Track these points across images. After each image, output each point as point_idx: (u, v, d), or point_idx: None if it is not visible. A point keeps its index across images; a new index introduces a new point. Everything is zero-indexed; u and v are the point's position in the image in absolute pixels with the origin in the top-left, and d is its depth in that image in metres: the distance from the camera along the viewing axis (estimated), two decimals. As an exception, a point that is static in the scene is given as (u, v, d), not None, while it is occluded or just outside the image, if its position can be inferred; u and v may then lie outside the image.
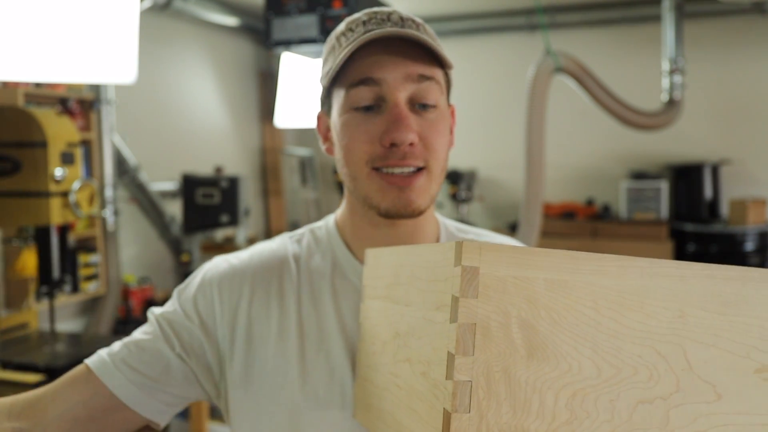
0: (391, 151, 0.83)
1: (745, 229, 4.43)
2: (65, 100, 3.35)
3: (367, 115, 0.85)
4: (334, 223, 0.97)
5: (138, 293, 3.82)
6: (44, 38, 2.37)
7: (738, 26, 4.79)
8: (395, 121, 0.82)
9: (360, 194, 0.88)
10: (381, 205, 0.86)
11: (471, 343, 0.54)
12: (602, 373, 0.56)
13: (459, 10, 5.15)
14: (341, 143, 0.88)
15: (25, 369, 2.43)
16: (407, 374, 0.67)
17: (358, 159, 0.85)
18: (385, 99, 0.84)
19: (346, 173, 0.88)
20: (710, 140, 4.91)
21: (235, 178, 3.79)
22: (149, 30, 3.70)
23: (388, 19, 0.86)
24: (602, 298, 0.57)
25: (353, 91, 0.84)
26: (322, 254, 0.95)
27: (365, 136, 0.84)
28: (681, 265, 0.59)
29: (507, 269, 0.55)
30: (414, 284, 0.68)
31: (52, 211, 2.55)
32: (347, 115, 0.86)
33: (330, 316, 0.90)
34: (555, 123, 4.14)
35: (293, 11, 3.44)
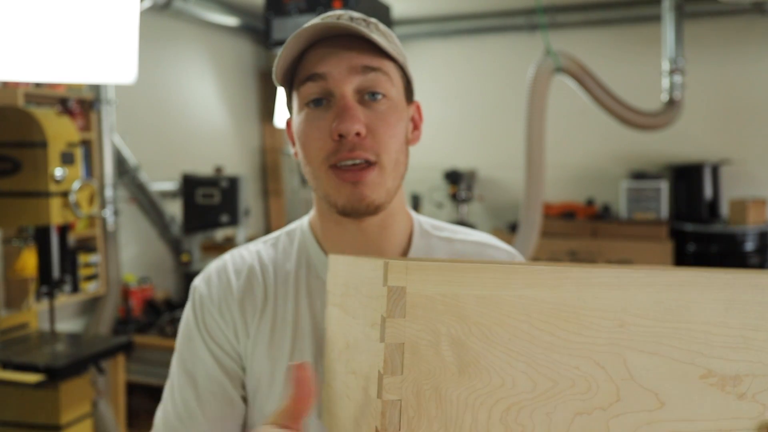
0: (341, 144, 0.84)
1: (745, 229, 4.43)
2: (65, 100, 3.35)
3: (318, 111, 0.86)
4: (308, 224, 1.00)
5: (138, 293, 3.82)
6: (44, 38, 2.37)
7: (738, 26, 4.79)
8: (341, 113, 0.83)
9: (321, 192, 0.89)
10: (338, 202, 0.86)
11: (399, 362, 0.54)
12: (538, 386, 0.56)
13: (459, 10, 5.15)
14: (300, 141, 0.89)
15: (25, 369, 2.43)
16: (354, 387, 0.67)
17: (314, 156, 0.86)
18: (333, 93, 0.85)
19: (308, 172, 0.90)
20: (710, 140, 4.91)
21: (235, 178, 3.79)
22: (149, 30, 3.70)
23: (337, 19, 0.87)
24: (536, 312, 0.56)
25: (303, 88, 0.86)
26: (297, 255, 0.97)
27: (317, 132, 0.85)
28: (620, 273, 0.59)
29: (435, 287, 0.55)
30: (358, 297, 0.68)
31: (52, 211, 2.55)
32: (301, 113, 0.88)
33: (305, 317, 0.93)
34: (555, 123, 4.14)
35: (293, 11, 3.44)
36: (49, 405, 2.50)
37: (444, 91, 5.44)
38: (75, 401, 2.57)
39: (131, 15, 2.68)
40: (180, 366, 0.96)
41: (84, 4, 2.48)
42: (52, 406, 2.50)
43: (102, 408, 3.17)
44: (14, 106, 2.77)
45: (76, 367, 2.53)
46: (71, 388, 2.54)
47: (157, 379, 3.64)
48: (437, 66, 5.48)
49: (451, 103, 5.40)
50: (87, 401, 2.65)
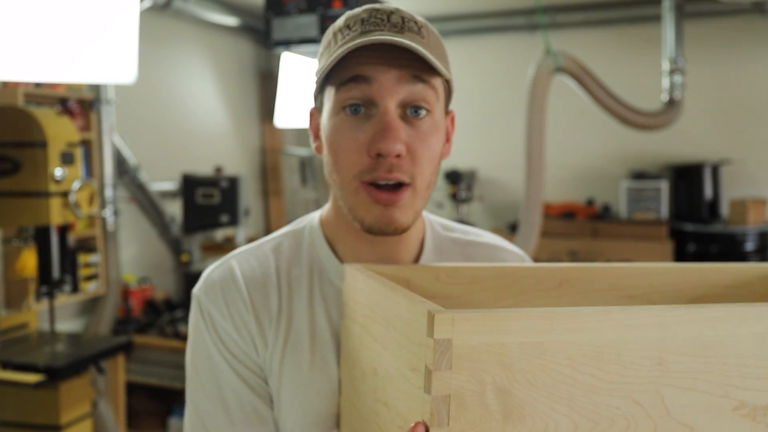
0: (378, 162, 0.79)
1: (746, 229, 4.43)
2: (65, 100, 3.35)
3: (356, 120, 0.81)
4: (318, 225, 0.95)
5: (138, 293, 3.82)
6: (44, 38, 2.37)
7: (738, 26, 4.78)
8: (383, 131, 0.78)
9: (346, 204, 0.84)
10: (365, 221, 0.82)
11: (445, 414, 0.54)
12: (579, 428, 0.57)
13: (459, 10, 5.15)
14: (330, 148, 0.84)
15: (24, 369, 2.43)
16: (385, 418, 0.66)
17: (346, 170, 0.82)
18: (375, 103, 0.80)
19: (335, 180, 0.85)
20: (710, 140, 4.91)
21: (235, 178, 3.79)
22: (149, 30, 3.70)
23: (387, 20, 0.82)
24: (579, 355, 0.57)
25: (343, 89, 0.80)
26: (308, 259, 0.93)
27: (354, 144, 0.80)
28: (660, 312, 0.59)
29: (480, 337, 0.54)
30: (389, 330, 0.66)
31: (52, 211, 2.55)
32: (337, 117, 0.82)
33: (321, 325, 0.89)
34: (555, 123, 4.14)
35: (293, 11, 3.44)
36: (48, 405, 2.50)
37: (444, 91, 5.42)
38: (75, 401, 2.56)
39: (131, 15, 2.68)
40: (203, 389, 0.89)
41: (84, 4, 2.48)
42: (51, 406, 2.49)
43: (102, 408, 3.17)
44: (14, 106, 2.77)
45: (76, 367, 2.52)
46: (71, 388, 2.54)
47: (157, 379, 3.64)
48: (437, 66, 5.47)
49: (452, 104, 5.38)
50: (87, 401, 2.65)
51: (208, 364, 0.89)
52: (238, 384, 0.88)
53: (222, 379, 0.88)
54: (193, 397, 0.90)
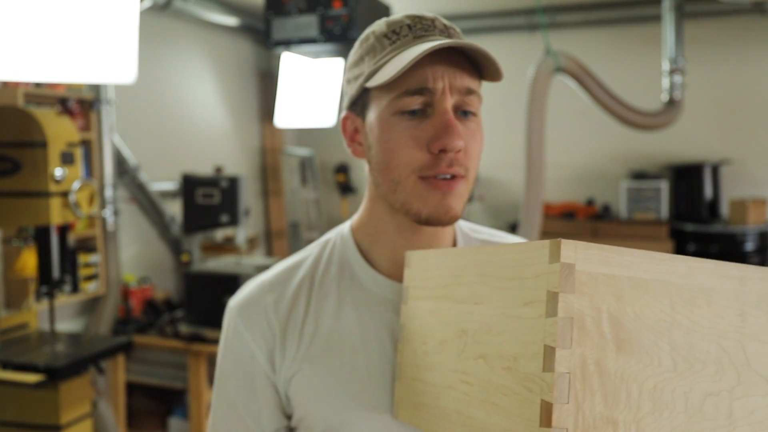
0: (439, 158, 0.84)
1: (746, 229, 4.43)
2: (65, 100, 3.35)
3: (414, 121, 0.84)
4: (349, 233, 0.97)
5: (138, 293, 3.82)
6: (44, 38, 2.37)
7: (738, 26, 4.78)
8: (446, 128, 0.83)
9: (399, 200, 0.87)
10: (422, 212, 0.86)
11: (569, 336, 0.57)
12: (677, 366, 0.61)
13: (459, 10, 5.15)
14: (383, 147, 0.86)
15: (24, 369, 2.43)
16: (482, 371, 0.69)
17: (404, 165, 0.85)
18: (433, 105, 0.84)
19: (387, 178, 0.87)
20: (710, 140, 4.90)
21: (234, 178, 3.78)
22: (149, 30, 3.70)
23: (433, 26, 0.87)
24: (677, 296, 0.61)
25: (407, 98, 0.84)
26: (337, 267, 0.95)
27: (413, 141, 0.84)
28: (740, 267, 0.64)
29: (598, 267, 0.59)
30: (488, 283, 0.70)
31: (52, 211, 2.55)
32: (392, 118, 0.85)
33: (352, 329, 0.91)
34: (555, 123, 4.14)
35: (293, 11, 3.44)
36: (48, 405, 2.50)
37: (444, 91, 5.42)
38: (75, 401, 2.56)
39: (131, 15, 2.68)
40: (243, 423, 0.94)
41: (84, 4, 2.48)
42: (51, 406, 2.49)
43: (102, 408, 3.17)
44: (14, 106, 2.77)
45: (76, 367, 2.52)
46: (71, 388, 2.54)
47: (157, 379, 3.64)
48: (437, 66, 5.47)
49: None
50: (87, 401, 2.65)
51: (251, 394, 0.94)
52: (279, 417, 0.94)
53: (265, 409, 0.93)
54: (230, 425, 0.95)
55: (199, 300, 3.58)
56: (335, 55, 3.87)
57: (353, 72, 0.91)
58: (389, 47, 0.86)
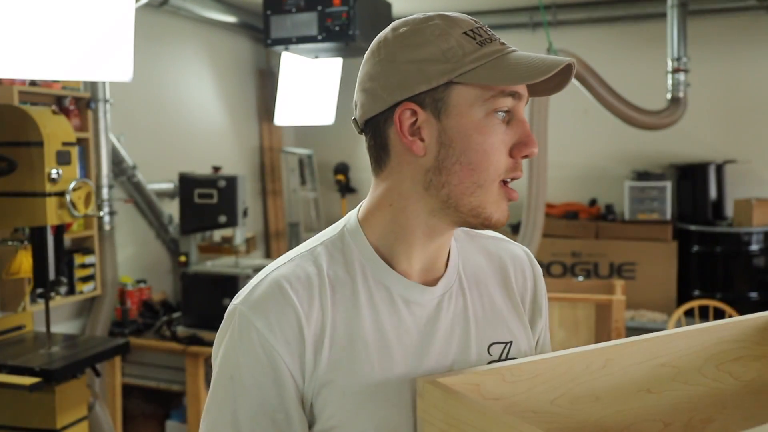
0: (518, 164, 0.88)
1: (750, 230, 4.40)
2: (61, 99, 3.31)
3: (503, 125, 0.87)
4: (363, 235, 0.93)
5: (135, 294, 3.79)
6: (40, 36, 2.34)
7: (743, 24, 4.75)
8: (529, 136, 0.88)
9: (472, 202, 0.87)
10: (494, 216, 0.88)
11: None
12: None
13: (460, 7, 5.11)
14: (476, 148, 0.86)
15: (20, 372, 2.42)
16: None
17: (492, 168, 0.86)
18: (513, 111, 0.88)
19: (469, 180, 0.87)
20: (715, 140, 4.87)
21: (233, 178, 3.75)
22: (145, 27, 3.66)
23: (488, 29, 0.91)
24: None
25: (502, 98, 0.86)
26: (350, 265, 0.92)
27: (502, 146, 0.87)
28: None
29: None
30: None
31: (48, 211, 2.53)
32: (486, 119, 0.86)
33: (368, 328, 0.89)
34: (557, 122, 4.11)
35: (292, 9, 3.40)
36: (44, 408, 2.48)
37: (445, 90, 5.40)
38: (71, 404, 2.54)
39: (127, 12, 2.65)
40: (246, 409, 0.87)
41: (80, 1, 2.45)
42: (47, 409, 2.48)
43: (98, 411, 3.14)
44: (9, 105, 2.74)
45: (72, 370, 2.51)
46: (67, 390, 2.52)
47: (154, 381, 3.61)
48: (438, 65, 5.44)
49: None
50: (83, 404, 2.63)
51: (280, 400, 0.87)
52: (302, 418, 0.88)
53: (293, 417, 0.87)
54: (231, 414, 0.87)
55: (196, 301, 3.56)
56: (334, 52, 3.84)
57: (428, 63, 0.85)
58: (478, 46, 0.86)
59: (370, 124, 0.91)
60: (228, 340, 0.88)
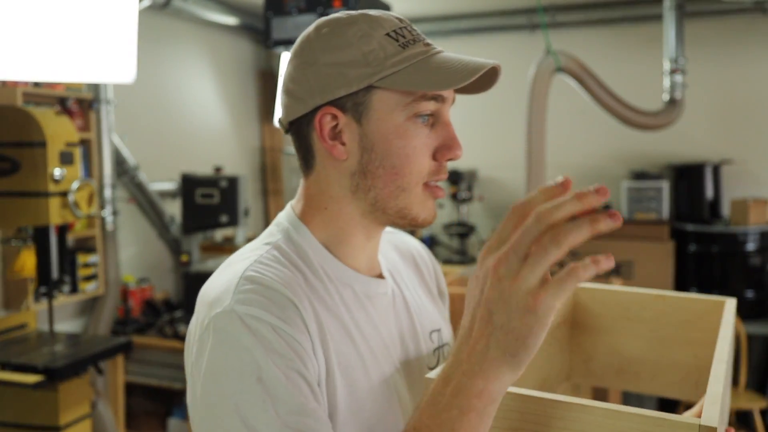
0: (443, 166, 0.88)
1: (747, 230, 4.42)
2: (64, 100, 3.34)
3: (425, 128, 0.86)
4: (311, 235, 0.90)
5: (137, 293, 3.81)
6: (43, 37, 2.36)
7: (739, 25, 4.77)
8: (453, 139, 0.88)
9: (398, 205, 0.87)
10: (420, 216, 0.88)
11: None
12: None
13: (459, 9, 5.14)
14: (398, 152, 0.84)
15: (24, 370, 2.43)
16: None
17: (416, 173, 0.86)
18: (437, 114, 0.87)
19: (392, 183, 0.85)
20: (711, 140, 4.89)
21: (234, 178, 3.78)
22: (148, 29, 3.69)
23: (412, 28, 0.89)
24: None
25: (424, 102, 0.85)
26: (307, 267, 0.88)
27: (424, 149, 0.86)
28: None
29: None
30: None
31: (51, 211, 2.54)
32: (407, 123, 0.85)
33: (362, 331, 0.88)
34: (555, 123, 4.13)
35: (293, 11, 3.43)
36: (48, 406, 2.49)
37: (444, 90, 5.41)
38: (74, 402, 2.56)
39: (130, 14, 2.67)
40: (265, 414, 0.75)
41: (83, 3, 2.47)
42: (51, 407, 2.49)
43: (101, 409, 3.16)
44: (13, 106, 2.76)
45: (75, 368, 2.52)
46: (70, 388, 2.53)
47: (157, 380, 3.63)
48: (437, 66, 5.46)
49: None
50: (86, 402, 2.65)
51: (294, 389, 0.77)
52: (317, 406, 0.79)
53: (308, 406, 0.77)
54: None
55: (198, 300, 3.56)
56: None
57: (349, 66, 0.83)
58: (400, 49, 0.84)
59: (293, 127, 0.89)
60: (230, 345, 0.77)
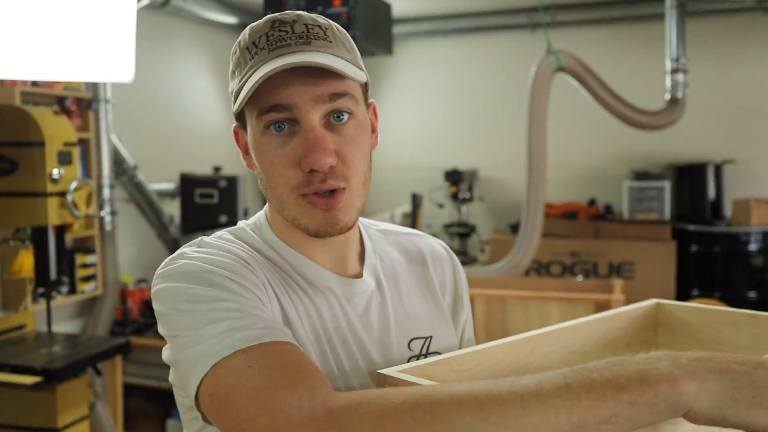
0: (312, 176, 0.82)
1: (749, 230, 4.41)
2: (62, 99, 3.33)
3: (282, 138, 0.83)
4: (269, 227, 0.93)
5: (136, 294, 3.80)
6: (42, 36, 2.35)
7: (741, 24, 4.76)
8: (312, 146, 0.81)
9: (288, 215, 0.86)
10: (310, 227, 0.85)
11: None
12: None
13: (460, 8, 5.13)
14: (262, 167, 0.86)
15: (21, 371, 2.42)
16: None
17: (283, 185, 0.84)
18: (298, 121, 0.82)
19: (273, 195, 0.87)
20: (713, 140, 4.88)
21: (233, 178, 3.76)
22: (147, 28, 3.67)
23: (291, 31, 0.83)
24: None
25: (264, 116, 0.83)
26: (265, 260, 0.90)
27: (284, 160, 0.83)
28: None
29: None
30: None
31: (50, 211, 2.53)
32: (263, 137, 0.84)
33: (296, 319, 0.87)
34: (557, 122, 4.12)
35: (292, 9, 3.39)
36: (46, 407, 2.48)
37: (444, 90, 5.41)
38: (72, 403, 2.55)
39: (129, 13, 2.66)
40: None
41: (81, 2, 2.46)
42: (49, 409, 2.48)
43: (99, 410, 3.15)
44: (11, 105, 2.75)
45: (74, 369, 2.51)
46: (68, 390, 2.52)
47: (155, 381, 3.62)
48: (438, 65, 5.45)
49: (452, 103, 5.37)
50: (84, 403, 2.63)
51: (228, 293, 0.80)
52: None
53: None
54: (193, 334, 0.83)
55: (197, 301, 3.55)
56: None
57: (229, 86, 0.89)
58: (250, 62, 0.84)
59: None
60: (189, 258, 0.84)
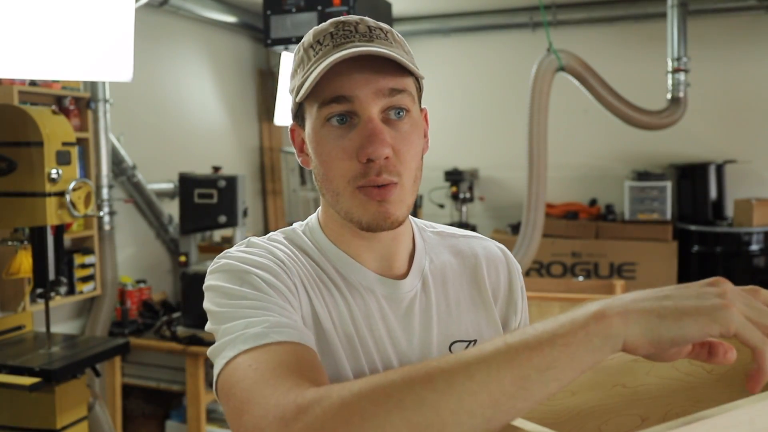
0: (369, 167, 0.85)
1: (751, 230, 4.40)
2: (61, 99, 3.31)
3: (342, 130, 0.86)
4: (319, 227, 0.97)
5: (135, 294, 3.78)
6: (40, 35, 2.34)
7: (743, 23, 4.75)
8: (370, 136, 0.84)
9: (342, 209, 0.89)
10: (363, 220, 0.88)
11: None
12: None
13: (460, 7, 5.12)
14: (319, 159, 0.89)
15: (20, 372, 2.41)
16: None
17: (339, 177, 0.87)
18: (358, 114, 0.85)
19: (328, 188, 0.90)
20: (715, 139, 4.87)
21: (233, 178, 3.74)
22: (146, 27, 3.66)
23: (355, 30, 0.88)
24: None
25: (325, 108, 0.86)
26: (311, 259, 0.94)
27: (342, 152, 0.86)
28: None
29: None
30: None
31: (48, 211, 2.52)
32: (322, 129, 0.87)
33: (324, 315, 0.89)
34: (557, 122, 4.11)
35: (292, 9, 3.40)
36: (44, 408, 2.47)
37: (445, 89, 5.40)
38: (71, 404, 2.54)
39: (127, 12, 2.65)
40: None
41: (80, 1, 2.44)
42: (47, 409, 2.47)
43: (98, 411, 3.13)
44: (9, 105, 2.73)
45: (72, 370, 2.51)
46: (67, 390, 2.51)
47: (154, 382, 3.61)
48: (438, 64, 5.44)
49: (452, 102, 5.36)
50: (83, 404, 2.63)
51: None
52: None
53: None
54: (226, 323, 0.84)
55: (196, 301, 3.52)
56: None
57: (290, 84, 0.94)
58: (314, 58, 0.88)
59: None
60: (230, 258, 0.92)
